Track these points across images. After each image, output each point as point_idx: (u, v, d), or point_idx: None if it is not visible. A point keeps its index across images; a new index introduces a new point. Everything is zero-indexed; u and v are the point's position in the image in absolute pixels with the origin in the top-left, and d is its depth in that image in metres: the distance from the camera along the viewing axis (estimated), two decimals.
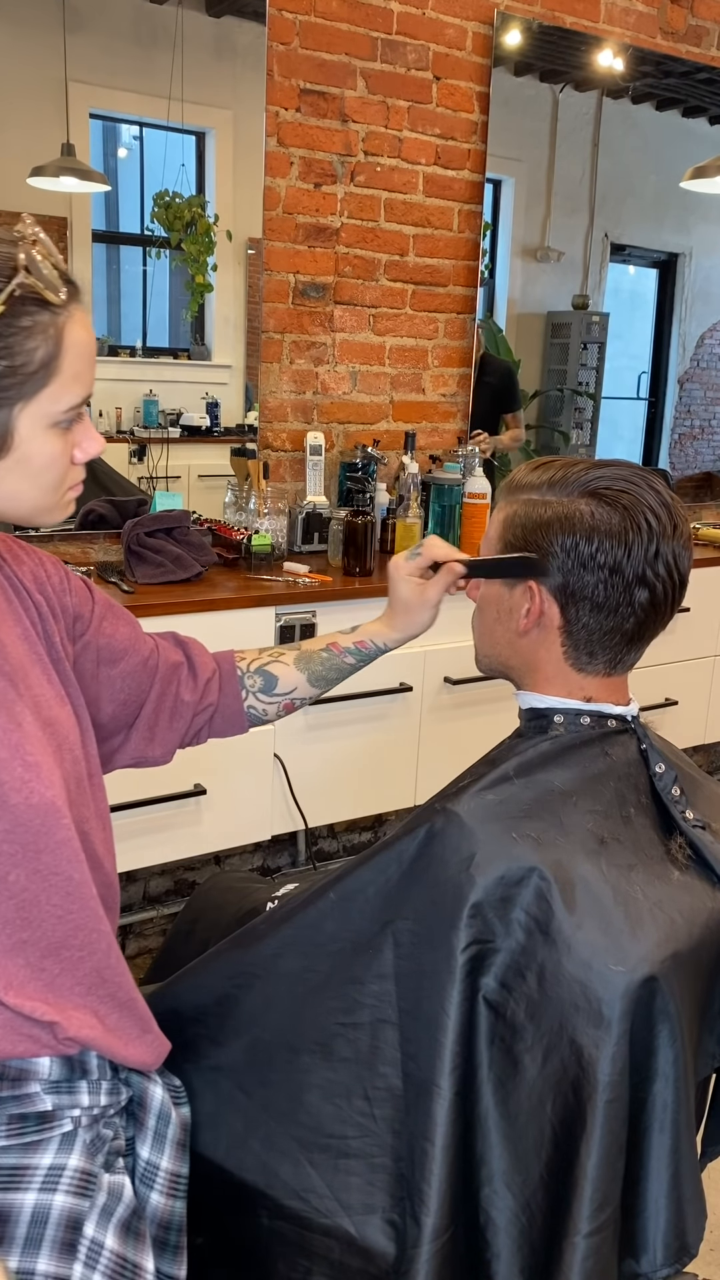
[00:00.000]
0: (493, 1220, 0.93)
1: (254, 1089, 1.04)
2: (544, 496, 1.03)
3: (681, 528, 1.01)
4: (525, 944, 0.93)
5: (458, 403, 2.89)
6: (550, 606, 1.03)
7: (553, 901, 0.93)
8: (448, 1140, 0.92)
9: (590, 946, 0.91)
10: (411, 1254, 0.92)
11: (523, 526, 1.04)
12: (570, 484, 1.01)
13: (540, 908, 0.93)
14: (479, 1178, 0.93)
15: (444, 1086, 0.92)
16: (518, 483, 1.07)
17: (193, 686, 1.17)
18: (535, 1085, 0.92)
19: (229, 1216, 1.05)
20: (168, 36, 2.32)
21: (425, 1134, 0.93)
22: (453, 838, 0.98)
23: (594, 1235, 0.88)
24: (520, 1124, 0.92)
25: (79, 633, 1.08)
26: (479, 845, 0.96)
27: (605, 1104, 0.88)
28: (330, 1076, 1.00)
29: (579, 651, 1.04)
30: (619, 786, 1.02)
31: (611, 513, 0.99)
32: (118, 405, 2.50)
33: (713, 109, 3.25)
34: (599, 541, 0.99)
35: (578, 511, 1.00)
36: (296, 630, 2.16)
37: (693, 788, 1.09)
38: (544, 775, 1.02)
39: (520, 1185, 0.92)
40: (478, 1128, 0.93)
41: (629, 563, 0.99)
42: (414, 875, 0.99)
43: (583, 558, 0.99)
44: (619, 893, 0.94)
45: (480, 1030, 0.93)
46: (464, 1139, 0.93)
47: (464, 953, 0.93)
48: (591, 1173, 0.88)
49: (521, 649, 1.08)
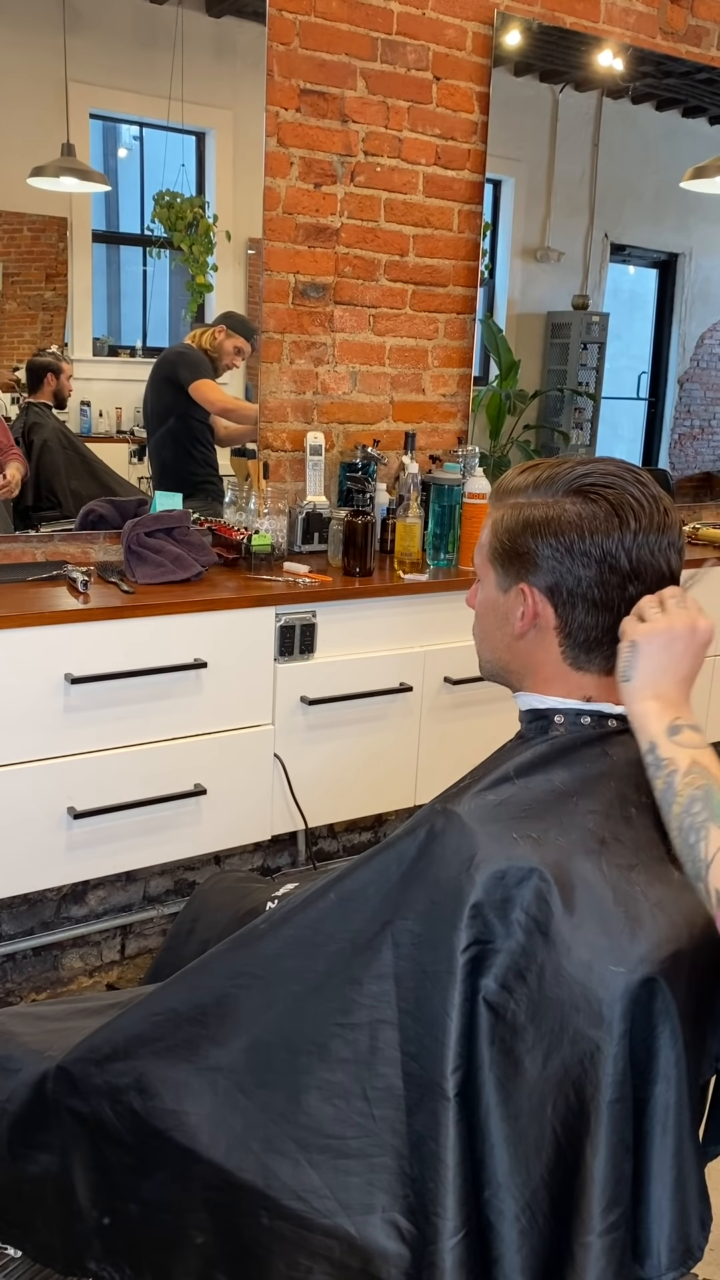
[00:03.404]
0: (492, 1224, 0.92)
1: (253, 1090, 1.04)
2: (530, 499, 1.03)
3: (670, 521, 1.01)
4: (525, 945, 0.93)
5: (458, 403, 2.89)
6: (545, 607, 1.03)
7: (552, 902, 0.93)
8: (455, 1141, 0.92)
9: (590, 947, 0.91)
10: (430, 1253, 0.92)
11: (509, 530, 1.04)
12: (556, 484, 1.02)
13: (540, 908, 0.93)
14: (480, 1180, 0.93)
15: (448, 1087, 0.92)
16: (505, 487, 1.07)
17: None
18: (536, 1086, 0.92)
19: (229, 1217, 1.05)
20: (168, 36, 2.32)
21: (432, 1135, 0.93)
22: (453, 838, 0.98)
23: (606, 1235, 0.88)
24: (521, 1125, 0.92)
25: None
26: (479, 846, 0.96)
27: (609, 1104, 0.88)
28: (329, 1077, 1.00)
29: (577, 650, 1.04)
30: (620, 786, 1.02)
31: (596, 509, 0.99)
32: (118, 405, 2.50)
33: (713, 109, 3.25)
34: (586, 538, 0.99)
35: (563, 510, 1.00)
36: (296, 630, 2.16)
37: None
38: (544, 776, 1.02)
39: (520, 1187, 0.92)
40: (480, 1129, 0.93)
41: (617, 557, 0.99)
42: (414, 876, 1.00)
43: (571, 556, 1.00)
44: (619, 893, 0.93)
45: (481, 1031, 0.93)
46: (468, 1141, 0.93)
47: (464, 953, 0.93)
48: (599, 1173, 0.88)
49: (520, 651, 1.08)
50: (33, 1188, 1.19)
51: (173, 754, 2.07)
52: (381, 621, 2.29)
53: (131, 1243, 1.13)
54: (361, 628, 2.27)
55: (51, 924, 2.41)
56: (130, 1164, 1.12)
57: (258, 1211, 1.02)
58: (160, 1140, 1.09)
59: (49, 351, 2.36)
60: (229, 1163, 1.04)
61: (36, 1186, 1.19)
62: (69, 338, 2.40)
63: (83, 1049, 1.17)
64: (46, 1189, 1.18)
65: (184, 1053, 1.09)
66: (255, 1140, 1.03)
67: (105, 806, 1.99)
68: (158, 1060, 1.11)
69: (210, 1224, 1.07)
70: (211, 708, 2.09)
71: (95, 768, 1.98)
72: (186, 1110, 1.08)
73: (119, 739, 2.00)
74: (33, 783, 1.92)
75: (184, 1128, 1.07)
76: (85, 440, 2.46)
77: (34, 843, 1.95)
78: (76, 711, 1.94)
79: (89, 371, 2.44)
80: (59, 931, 2.40)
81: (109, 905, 2.49)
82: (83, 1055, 1.16)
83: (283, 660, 2.17)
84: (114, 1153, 1.13)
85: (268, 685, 2.16)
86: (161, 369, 2.54)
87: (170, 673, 2.02)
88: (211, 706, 2.09)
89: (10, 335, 2.33)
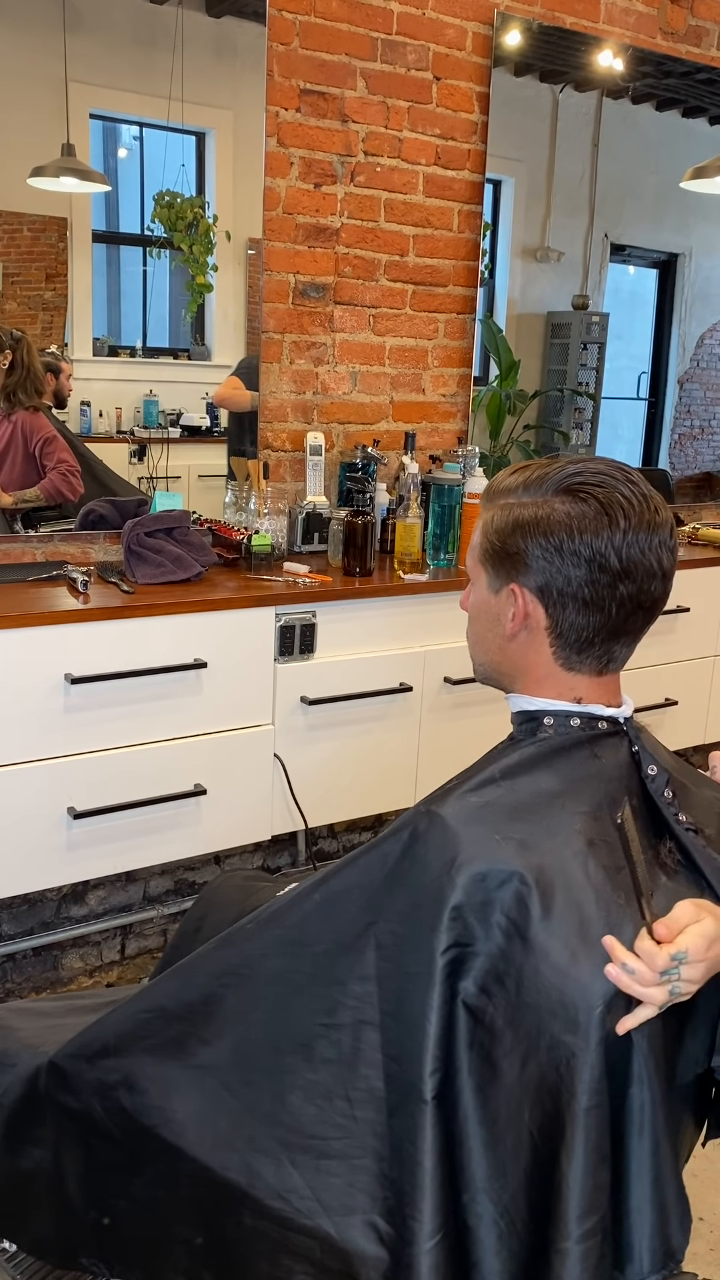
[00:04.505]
0: (471, 1228, 0.92)
1: (239, 1089, 1.05)
2: (520, 499, 1.02)
3: (660, 519, 1.00)
4: (505, 948, 0.92)
5: (458, 403, 2.89)
6: (535, 608, 1.03)
7: (531, 906, 0.92)
8: (432, 1144, 0.91)
9: (567, 952, 0.90)
10: (407, 1256, 0.92)
11: (499, 531, 1.03)
12: (545, 484, 1.01)
13: (519, 912, 0.92)
14: (458, 1184, 0.92)
15: (425, 1090, 0.92)
16: (496, 488, 1.06)
17: None
18: (514, 1091, 0.91)
19: (215, 1215, 1.05)
20: (168, 36, 2.32)
21: (410, 1138, 0.93)
22: (436, 840, 0.98)
23: (582, 1242, 0.87)
24: (499, 1130, 0.92)
25: None
26: (461, 848, 0.95)
27: (584, 1111, 0.88)
28: (312, 1077, 1.00)
29: (568, 650, 1.03)
30: (609, 789, 1.01)
31: (586, 508, 0.98)
32: (118, 405, 2.50)
33: (713, 109, 3.25)
34: (575, 537, 0.98)
35: (553, 510, 0.99)
36: (296, 630, 2.16)
37: (684, 792, 1.08)
38: (530, 777, 1.01)
39: (498, 1192, 0.91)
40: (458, 1133, 0.92)
41: (607, 556, 0.98)
42: (397, 877, 0.99)
43: (561, 555, 0.99)
44: (602, 897, 0.93)
45: (460, 1035, 0.92)
46: (446, 1144, 0.92)
47: (444, 955, 0.93)
48: (574, 1181, 0.87)
49: (512, 653, 1.07)
50: (26, 1181, 1.20)
51: (173, 754, 2.07)
52: (381, 621, 2.29)
53: (121, 1239, 1.14)
54: (361, 628, 2.27)
55: (51, 924, 2.41)
56: (120, 1161, 1.12)
57: (241, 1210, 1.02)
58: (148, 1137, 1.09)
59: (48, 351, 2.36)
60: (214, 1161, 1.04)
61: (30, 1180, 1.20)
62: (69, 338, 2.40)
63: (74, 1045, 1.17)
64: (39, 1183, 1.19)
65: (172, 1050, 1.09)
66: (240, 1139, 1.03)
67: (105, 806, 1.99)
68: (147, 1057, 1.11)
69: (197, 1222, 1.07)
70: (211, 708, 2.09)
71: (95, 768, 1.98)
72: (174, 1108, 1.08)
73: (119, 739, 2.00)
74: (33, 783, 1.92)
75: (171, 1125, 1.07)
76: (85, 440, 2.46)
77: (34, 843, 1.95)
78: (76, 711, 1.94)
79: (89, 371, 2.44)
80: (59, 931, 2.40)
81: (109, 905, 2.49)
82: (74, 1051, 1.17)
83: (283, 660, 2.17)
84: (104, 1149, 1.14)
85: (268, 685, 2.16)
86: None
87: (170, 673, 2.02)
88: (211, 706, 2.09)
89: None
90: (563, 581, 1.00)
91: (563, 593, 1.00)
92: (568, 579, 0.99)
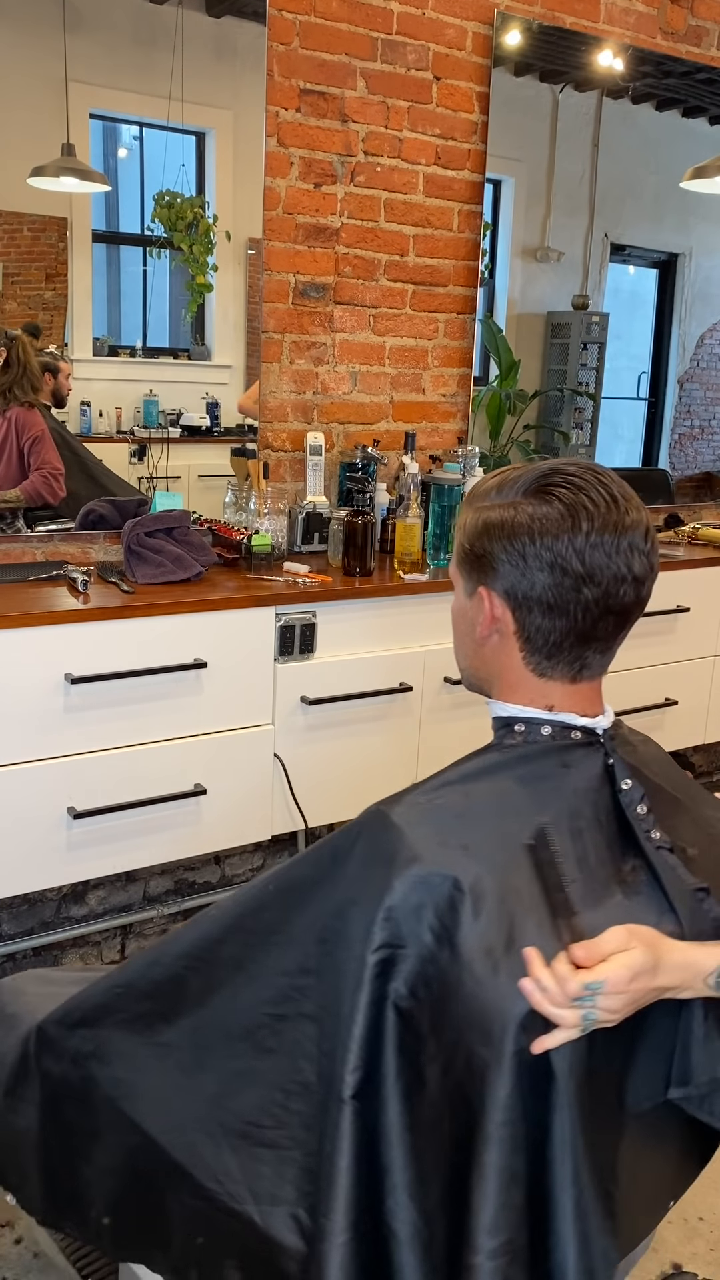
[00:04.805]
0: (395, 1232, 0.91)
1: (193, 1070, 1.06)
2: (491, 501, 1.01)
3: (630, 521, 0.97)
4: (434, 952, 0.92)
5: (458, 403, 2.89)
6: (503, 612, 1.01)
7: (463, 912, 0.91)
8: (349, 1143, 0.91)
9: (490, 963, 0.89)
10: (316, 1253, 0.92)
11: (470, 534, 1.03)
12: (516, 486, 1.00)
13: (451, 917, 0.92)
14: (384, 1187, 0.91)
15: (343, 1089, 0.91)
16: (475, 490, 1.05)
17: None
18: (436, 1100, 0.91)
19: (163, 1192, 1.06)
20: (168, 36, 2.32)
21: (328, 1134, 0.93)
22: (380, 838, 0.98)
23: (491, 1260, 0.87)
24: (423, 1138, 0.91)
25: None
26: (403, 849, 0.95)
27: (497, 1126, 0.87)
28: (256, 1065, 1.01)
29: (538, 656, 1.01)
30: (573, 800, 0.99)
31: (550, 510, 0.96)
32: (118, 405, 2.50)
33: (713, 109, 3.25)
34: (538, 540, 0.96)
35: (518, 512, 0.98)
36: (296, 630, 2.16)
37: (671, 809, 1.05)
38: (491, 784, 1.01)
39: (423, 1199, 0.91)
40: (383, 1137, 0.91)
41: (569, 559, 0.96)
42: (342, 873, 1.00)
43: (525, 559, 0.97)
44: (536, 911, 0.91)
45: (388, 1036, 0.92)
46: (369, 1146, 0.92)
47: (375, 954, 0.92)
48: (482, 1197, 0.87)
49: (486, 658, 1.06)
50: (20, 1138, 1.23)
51: (172, 754, 2.07)
52: (381, 621, 2.29)
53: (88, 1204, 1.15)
54: (361, 628, 2.27)
55: (51, 924, 2.41)
56: (87, 1127, 1.15)
57: (182, 1189, 1.03)
58: (110, 1108, 1.11)
59: (48, 351, 2.36)
60: (163, 1139, 1.06)
61: (22, 1137, 1.22)
62: (69, 338, 2.40)
63: (59, 1012, 1.20)
64: (29, 1139, 1.22)
65: (139, 1026, 1.11)
66: (190, 1119, 1.04)
67: (105, 806, 1.99)
68: (117, 1030, 1.13)
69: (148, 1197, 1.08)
70: (211, 708, 2.09)
71: (95, 768, 1.98)
72: (134, 1082, 1.10)
73: (119, 739, 2.00)
74: (33, 783, 1.92)
75: (131, 1099, 1.09)
76: (84, 440, 2.47)
77: (34, 843, 1.95)
78: (76, 711, 1.94)
79: (89, 371, 2.44)
80: (59, 931, 2.40)
81: (109, 905, 2.49)
82: (58, 1018, 1.20)
83: (283, 660, 2.17)
84: (74, 1113, 1.16)
85: (268, 685, 2.16)
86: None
87: (170, 673, 2.02)
88: (211, 706, 2.09)
89: None
90: (527, 585, 0.98)
91: (528, 596, 0.98)
92: (532, 583, 0.97)
